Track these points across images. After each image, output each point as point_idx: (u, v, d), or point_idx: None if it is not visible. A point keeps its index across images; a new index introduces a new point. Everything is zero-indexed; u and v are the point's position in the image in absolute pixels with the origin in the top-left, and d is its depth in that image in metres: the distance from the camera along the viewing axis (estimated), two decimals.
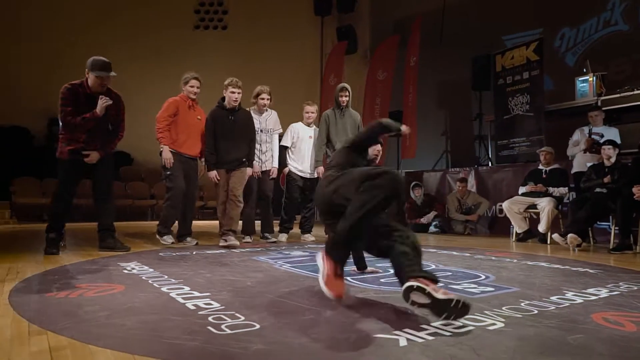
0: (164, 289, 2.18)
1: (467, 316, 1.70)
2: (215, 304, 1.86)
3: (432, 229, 6.58)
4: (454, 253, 3.94)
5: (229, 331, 1.49)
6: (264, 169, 4.73)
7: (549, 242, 5.06)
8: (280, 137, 5.01)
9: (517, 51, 7.36)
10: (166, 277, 2.50)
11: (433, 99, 10.06)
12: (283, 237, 4.96)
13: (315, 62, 10.52)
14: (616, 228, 4.49)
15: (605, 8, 8.55)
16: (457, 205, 6.61)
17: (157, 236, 4.18)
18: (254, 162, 4.56)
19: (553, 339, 1.48)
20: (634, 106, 5.95)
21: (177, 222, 4.36)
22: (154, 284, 2.29)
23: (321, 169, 4.81)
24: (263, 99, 4.69)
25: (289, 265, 3.09)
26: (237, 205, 4.31)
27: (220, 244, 4.22)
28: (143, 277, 2.48)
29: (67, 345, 1.34)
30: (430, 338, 1.45)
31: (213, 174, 4.26)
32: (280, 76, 9.99)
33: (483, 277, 2.65)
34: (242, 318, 1.65)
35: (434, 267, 3.06)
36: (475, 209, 6.52)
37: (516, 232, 5.42)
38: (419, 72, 8.78)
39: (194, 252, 3.71)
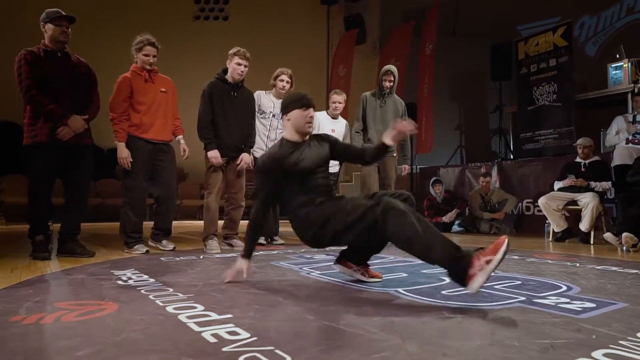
0: (169, 308, 1.65)
1: (604, 351, 1.20)
2: (244, 334, 1.34)
3: (455, 228, 6.07)
4: (515, 257, 3.42)
5: None
6: None
7: (592, 241, 4.56)
8: None
9: (542, 37, 6.87)
10: (171, 290, 1.98)
11: (446, 91, 9.55)
12: None
13: (322, 53, 10.00)
14: None
15: None
16: (480, 202, 6.10)
17: (125, 249, 3.45)
18: (255, 151, 4.03)
19: None
20: None
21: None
22: (157, 301, 1.76)
23: None
24: (282, 80, 4.11)
25: (318, 272, 2.58)
26: (240, 206, 3.85)
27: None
28: (142, 291, 1.95)
29: None
30: None
31: (214, 153, 3.54)
32: (285, 66, 9.47)
33: (564, 287, 2.14)
34: (288, 359, 1.13)
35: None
36: (501, 206, 6.01)
37: (553, 230, 4.91)
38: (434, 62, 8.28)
39: (202, 257, 3.19)
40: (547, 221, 4.99)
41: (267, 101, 4.19)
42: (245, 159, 3.74)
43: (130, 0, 10.05)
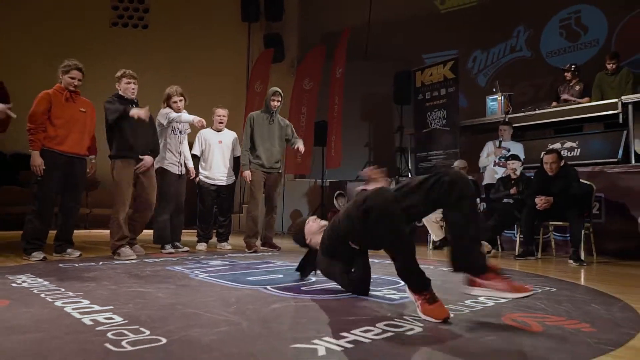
0: (57, 303, 1.93)
1: (386, 322, 1.69)
2: (117, 319, 1.67)
3: None
4: (375, 261, 3.97)
5: (129, 347, 1.33)
6: (181, 173, 4.48)
7: None
8: (190, 144, 4.80)
9: (435, 69, 7.77)
10: (63, 290, 2.23)
11: (357, 111, 10.30)
12: (202, 245, 4.74)
13: (242, 69, 10.33)
14: (521, 236, 4.83)
15: (512, 35, 9.33)
16: None
17: (24, 255, 3.53)
18: (168, 167, 4.33)
19: (467, 342, 1.49)
20: (536, 124, 6.52)
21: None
22: (47, 298, 2.02)
23: (248, 172, 4.60)
24: (175, 102, 4.31)
25: (206, 274, 2.92)
26: (149, 209, 4.09)
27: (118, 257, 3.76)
28: (34, 291, 2.19)
29: None
30: (350, 346, 1.40)
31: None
32: (205, 81, 9.68)
33: (402, 283, 2.67)
34: (147, 332, 1.49)
35: None
36: None
37: (433, 240, 5.65)
38: (345, 84, 8.95)
39: (101, 263, 3.39)
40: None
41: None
42: (146, 162, 3.94)
43: (44, 2, 9.74)
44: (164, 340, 1.41)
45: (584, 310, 2.01)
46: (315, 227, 2.58)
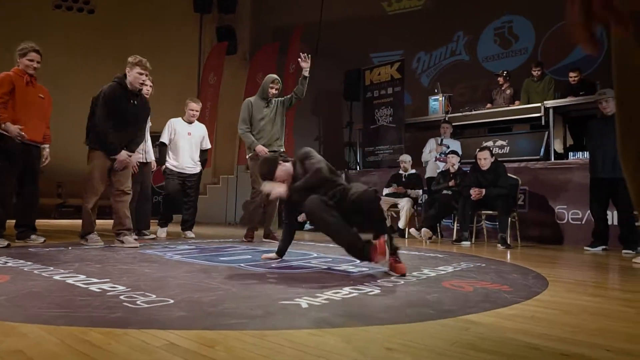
0: (56, 277, 2.12)
1: (352, 287, 2.06)
2: (120, 287, 1.91)
3: (307, 226, 7.03)
4: (330, 245, 4.36)
5: (146, 305, 1.60)
6: (146, 160, 4.62)
7: (407, 236, 5.85)
8: (159, 131, 4.93)
9: (383, 69, 8.27)
10: (52, 268, 2.40)
11: (309, 106, 10.65)
12: (162, 232, 4.89)
13: (193, 59, 10.33)
14: (457, 224, 5.41)
15: (452, 39, 10.04)
16: None
17: None
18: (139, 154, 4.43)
19: (416, 298, 1.89)
20: (472, 124, 7.18)
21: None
22: (43, 274, 2.20)
23: (260, 147, 4.48)
24: (146, 84, 4.28)
25: (180, 256, 3.16)
26: (124, 201, 3.95)
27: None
28: (25, 269, 2.35)
29: None
30: (325, 301, 1.75)
31: (124, 155, 3.75)
32: (155, 70, 9.59)
33: (358, 261, 3.06)
34: (154, 296, 1.75)
35: (315, 255, 3.40)
36: None
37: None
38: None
39: (70, 248, 3.51)
40: None
41: None
42: (120, 160, 3.79)
43: None
44: (171, 301, 1.68)
45: (505, 278, 2.49)
46: (283, 175, 2.78)
